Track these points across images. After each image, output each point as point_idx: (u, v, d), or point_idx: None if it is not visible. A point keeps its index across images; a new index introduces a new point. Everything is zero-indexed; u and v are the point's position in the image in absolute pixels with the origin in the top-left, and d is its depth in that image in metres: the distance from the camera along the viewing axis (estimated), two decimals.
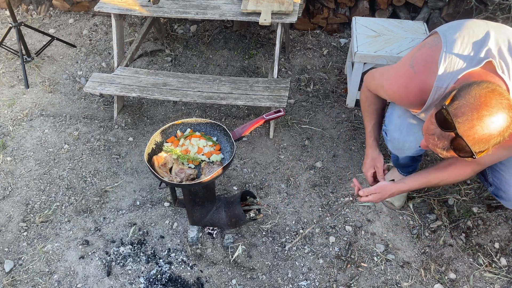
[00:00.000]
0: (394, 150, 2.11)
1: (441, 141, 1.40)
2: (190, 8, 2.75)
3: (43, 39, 3.61)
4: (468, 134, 1.32)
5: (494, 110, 1.30)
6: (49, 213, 2.38)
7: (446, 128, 1.36)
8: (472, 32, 1.56)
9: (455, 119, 1.32)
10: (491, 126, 1.31)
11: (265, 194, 2.48)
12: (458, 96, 1.35)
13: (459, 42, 1.54)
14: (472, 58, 1.50)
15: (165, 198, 2.45)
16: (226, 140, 2.08)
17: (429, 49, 1.62)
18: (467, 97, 1.33)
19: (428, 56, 1.61)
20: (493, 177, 1.93)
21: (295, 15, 2.63)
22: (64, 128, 2.88)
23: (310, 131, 2.84)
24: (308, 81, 3.21)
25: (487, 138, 1.32)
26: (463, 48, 1.52)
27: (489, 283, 2.10)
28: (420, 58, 1.64)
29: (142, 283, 2.09)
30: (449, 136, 1.37)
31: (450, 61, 1.52)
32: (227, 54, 3.46)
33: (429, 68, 1.57)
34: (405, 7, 3.43)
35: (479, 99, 1.31)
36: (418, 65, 1.62)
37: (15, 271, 2.15)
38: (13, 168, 2.63)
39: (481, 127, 1.31)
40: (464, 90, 1.35)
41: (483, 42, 1.52)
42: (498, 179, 1.89)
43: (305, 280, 2.11)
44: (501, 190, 1.91)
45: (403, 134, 1.96)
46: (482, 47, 1.51)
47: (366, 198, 1.90)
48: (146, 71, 2.81)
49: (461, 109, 1.32)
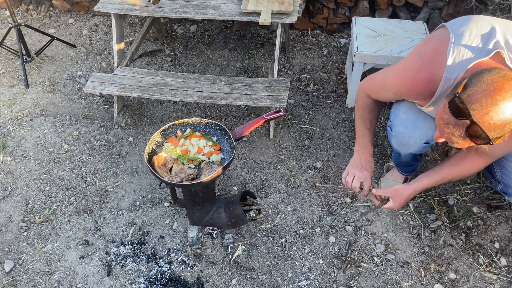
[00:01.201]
0: (398, 146, 2.08)
1: (457, 129, 1.38)
2: (190, 8, 2.75)
3: (43, 39, 3.61)
4: (483, 121, 1.31)
5: (508, 94, 1.29)
6: (49, 213, 2.38)
7: (460, 116, 1.35)
8: (480, 25, 1.55)
9: (469, 106, 1.31)
10: (506, 111, 1.29)
11: (265, 194, 2.48)
12: (470, 83, 1.34)
13: (467, 34, 1.53)
14: (481, 49, 1.49)
15: (165, 198, 2.45)
16: (226, 140, 2.08)
17: (437, 41, 1.61)
18: (479, 83, 1.31)
19: (436, 47, 1.60)
20: (502, 174, 1.92)
21: (295, 15, 2.63)
22: (64, 128, 2.88)
23: (310, 131, 2.84)
24: (308, 81, 3.21)
25: (503, 123, 1.31)
26: (472, 39, 1.52)
27: (489, 283, 2.10)
28: (429, 49, 1.63)
29: (142, 283, 2.09)
30: (464, 124, 1.35)
31: (459, 52, 1.51)
32: (227, 54, 3.46)
33: (438, 59, 1.56)
34: (405, 7, 3.43)
35: (492, 84, 1.30)
36: (426, 56, 1.61)
37: (15, 271, 2.15)
38: (13, 168, 2.63)
39: (496, 113, 1.29)
40: (475, 78, 1.34)
41: (491, 34, 1.51)
42: (507, 176, 1.89)
43: (305, 280, 2.11)
44: (510, 187, 1.90)
45: (408, 129, 1.95)
46: (490, 39, 1.50)
47: (386, 205, 1.87)
48: (146, 71, 2.81)
49: (475, 96, 1.31)
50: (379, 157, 2.66)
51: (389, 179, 2.42)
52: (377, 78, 1.90)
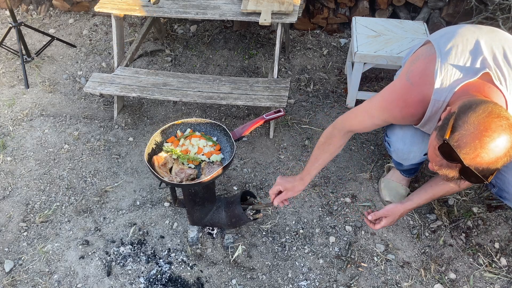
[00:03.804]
0: (399, 160, 2.10)
1: (450, 172, 1.40)
2: (190, 8, 2.75)
3: (43, 39, 3.61)
4: (475, 163, 1.32)
5: (496, 134, 1.29)
6: (49, 213, 2.38)
7: (452, 161, 1.36)
8: (465, 40, 1.54)
9: (458, 151, 1.32)
10: (496, 150, 1.30)
11: (265, 194, 2.48)
12: (457, 126, 1.34)
13: (454, 52, 1.52)
14: (468, 68, 1.48)
15: (165, 198, 2.45)
16: (226, 140, 2.08)
17: (424, 61, 1.60)
18: (465, 126, 1.32)
19: (423, 68, 1.59)
20: (496, 178, 1.93)
21: (295, 15, 2.63)
22: (64, 128, 2.88)
23: (310, 131, 2.84)
24: (308, 81, 3.21)
25: (494, 162, 1.32)
26: (458, 58, 1.51)
27: (489, 283, 2.10)
28: (416, 71, 1.62)
29: (142, 283, 2.09)
30: (457, 167, 1.36)
31: (446, 72, 1.50)
32: (227, 54, 3.46)
33: (426, 80, 1.56)
34: (405, 7, 3.43)
35: (478, 126, 1.30)
36: (414, 78, 1.61)
37: (15, 271, 2.15)
38: (13, 168, 2.63)
39: (486, 154, 1.30)
40: (461, 119, 1.34)
41: (477, 50, 1.50)
42: (501, 180, 1.89)
43: (305, 280, 2.11)
44: (504, 191, 1.91)
45: (407, 145, 1.95)
46: (477, 56, 1.49)
47: (379, 225, 1.86)
48: (146, 71, 2.81)
49: (463, 140, 1.31)
50: (379, 157, 2.66)
51: (390, 179, 2.41)
52: (360, 109, 1.86)
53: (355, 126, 1.89)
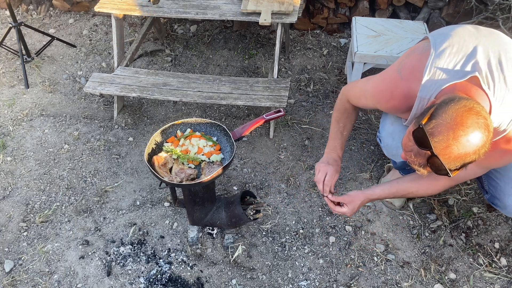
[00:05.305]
0: (389, 155, 2.12)
1: (418, 158, 1.41)
2: (190, 8, 2.75)
3: (43, 39, 3.61)
4: (444, 153, 1.33)
5: (470, 130, 1.30)
6: (49, 213, 2.38)
7: (423, 147, 1.37)
8: (462, 41, 1.53)
9: (431, 138, 1.33)
10: (467, 145, 1.31)
11: (265, 194, 2.48)
12: (435, 114, 1.35)
13: (448, 52, 1.51)
14: (458, 71, 1.48)
15: (165, 198, 2.45)
16: (226, 140, 2.08)
17: (418, 56, 1.61)
18: (443, 116, 1.33)
19: (415, 63, 1.59)
20: (489, 185, 1.93)
21: (295, 15, 2.63)
22: (64, 128, 2.88)
23: (310, 131, 2.84)
24: (308, 81, 3.21)
25: (462, 156, 1.33)
26: (451, 58, 1.50)
27: (489, 283, 2.10)
28: (408, 64, 1.62)
29: (142, 283, 2.09)
30: (426, 154, 1.38)
31: (435, 72, 1.50)
32: (227, 54, 3.46)
33: (415, 75, 1.56)
34: (405, 7, 3.43)
35: (455, 118, 1.31)
36: (405, 71, 1.62)
37: (15, 271, 2.15)
38: (13, 168, 2.63)
39: (456, 147, 1.31)
40: (441, 109, 1.35)
41: (472, 54, 1.49)
42: (494, 187, 1.89)
43: (305, 280, 2.11)
44: (496, 198, 1.91)
45: (395, 140, 1.96)
46: (470, 59, 1.48)
47: (340, 210, 1.84)
48: (146, 71, 2.81)
49: (438, 128, 1.33)
50: (379, 157, 2.66)
51: (390, 179, 2.41)
52: (359, 85, 1.89)
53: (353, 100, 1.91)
